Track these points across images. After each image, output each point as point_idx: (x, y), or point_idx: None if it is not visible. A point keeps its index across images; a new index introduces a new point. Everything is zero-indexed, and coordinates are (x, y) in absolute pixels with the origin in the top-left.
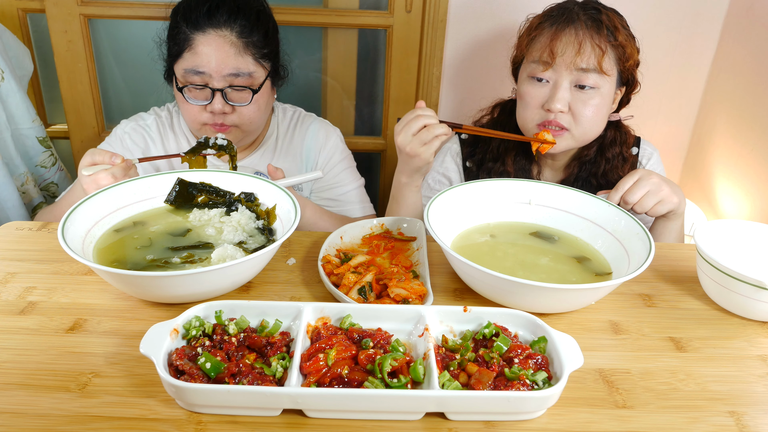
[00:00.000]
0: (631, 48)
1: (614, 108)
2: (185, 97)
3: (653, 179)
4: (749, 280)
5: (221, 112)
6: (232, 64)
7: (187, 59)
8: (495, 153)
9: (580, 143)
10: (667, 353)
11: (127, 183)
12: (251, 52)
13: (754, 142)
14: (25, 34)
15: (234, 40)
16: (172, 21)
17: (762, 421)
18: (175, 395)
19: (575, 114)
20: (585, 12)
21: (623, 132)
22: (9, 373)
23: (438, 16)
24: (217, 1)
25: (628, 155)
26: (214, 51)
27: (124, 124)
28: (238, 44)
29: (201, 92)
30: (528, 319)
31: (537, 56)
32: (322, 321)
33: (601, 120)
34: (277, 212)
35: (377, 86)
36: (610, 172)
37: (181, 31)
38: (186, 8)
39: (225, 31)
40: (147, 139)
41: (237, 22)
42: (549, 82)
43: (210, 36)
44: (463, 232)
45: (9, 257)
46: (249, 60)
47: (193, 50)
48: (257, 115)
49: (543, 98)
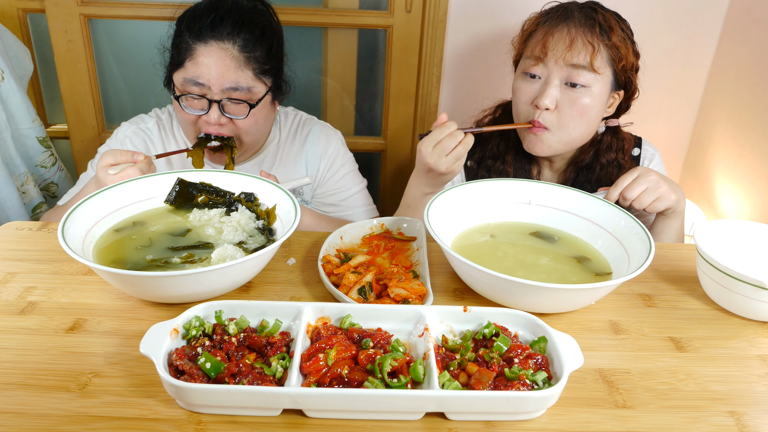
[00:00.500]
0: (627, 50)
1: (611, 113)
2: (182, 105)
3: (652, 176)
4: (749, 280)
5: (217, 123)
6: (231, 78)
7: (188, 68)
8: (495, 151)
9: (566, 144)
10: (667, 353)
11: (127, 183)
12: (252, 67)
13: (754, 142)
14: (25, 34)
15: (236, 53)
16: (177, 29)
17: (762, 421)
18: (175, 395)
19: (562, 113)
20: (581, 10)
21: (620, 138)
22: (9, 373)
23: (438, 16)
24: (222, 12)
25: (623, 162)
26: (215, 63)
27: (125, 127)
28: (239, 58)
29: (198, 102)
30: (528, 319)
31: (530, 52)
32: (322, 321)
33: (588, 121)
34: (277, 212)
35: (377, 86)
36: (605, 178)
37: (184, 40)
38: (191, 17)
39: (227, 43)
40: (147, 143)
41: (240, 35)
42: (540, 78)
43: (212, 47)
44: (463, 232)
45: (9, 257)
46: (249, 75)
47: (194, 60)
48: (254, 129)
49: (533, 94)
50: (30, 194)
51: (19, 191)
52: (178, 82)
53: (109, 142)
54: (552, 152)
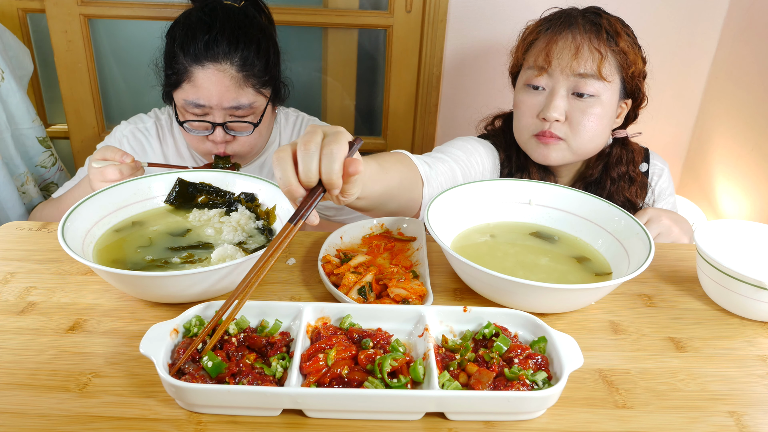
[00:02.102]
0: (635, 55)
1: (619, 123)
2: (185, 128)
3: (663, 221)
4: (749, 280)
5: (223, 141)
6: (232, 98)
7: (187, 90)
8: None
9: (579, 156)
10: (667, 353)
11: (127, 183)
12: (252, 83)
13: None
14: (25, 34)
15: (234, 73)
16: (168, 47)
17: (762, 421)
18: (175, 395)
19: (573, 124)
20: (584, 16)
21: (630, 150)
22: (9, 373)
23: (438, 16)
24: (215, 33)
25: (635, 175)
26: (214, 86)
27: (123, 126)
28: (238, 78)
29: (201, 123)
30: (528, 319)
31: (533, 62)
32: (322, 321)
33: (601, 131)
34: (277, 212)
35: (377, 86)
36: (616, 193)
37: (179, 62)
38: (183, 38)
39: (225, 65)
40: (145, 144)
41: (237, 54)
42: (545, 89)
43: (209, 71)
44: (463, 232)
45: (9, 257)
46: (249, 92)
47: (192, 83)
48: (259, 141)
49: (538, 107)
50: (30, 194)
51: (19, 191)
52: (178, 103)
53: (108, 140)
54: (564, 161)
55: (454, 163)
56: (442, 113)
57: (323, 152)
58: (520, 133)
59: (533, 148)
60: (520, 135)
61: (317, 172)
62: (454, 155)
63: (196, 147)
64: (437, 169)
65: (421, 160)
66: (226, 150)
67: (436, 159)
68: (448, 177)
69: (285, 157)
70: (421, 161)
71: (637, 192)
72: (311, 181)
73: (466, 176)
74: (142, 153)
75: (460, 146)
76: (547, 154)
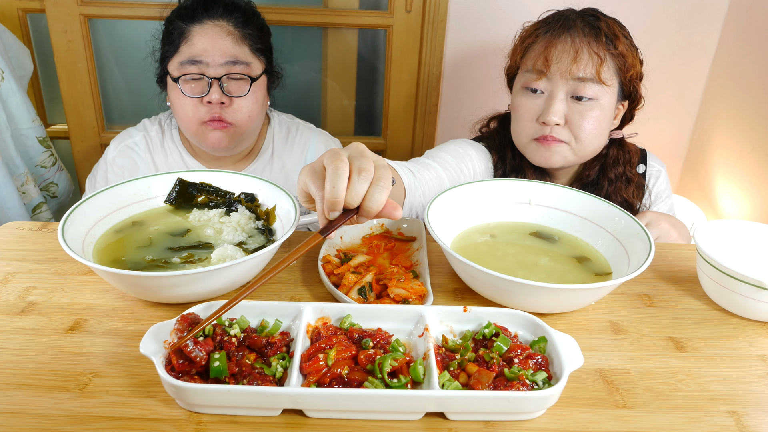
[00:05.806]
0: (633, 58)
1: (616, 124)
2: (181, 90)
3: (662, 225)
4: (749, 280)
5: (219, 102)
6: (229, 52)
7: (183, 51)
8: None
9: (580, 158)
10: (667, 353)
11: (127, 183)
12: (248, 43)
13: (754, 142)
14: (25, 34)
15: (231, 29)
16: (166, 27)
17: (762, 421)
18: (175, 395)
19: (573, 127)
20: (582, 19)
21: (626, 151)
22: (9, 373)
23: (438, 16)
24: None
25: (632, 175)
26: (212, 39)
27: (113, 148)
28: (235, 33)
29: (197, 85)
30: (528, 319)
31: (531, 65)
32: (322, 321)
33: (601, 134)
34: (277, 212)
35: (377, 86)
36: (614, 194)
37: (176, 28)
38: (181, 7)
39: (222, 21)
40: (135, 158)
41: (233, 14)
42: (544, 93)
43: (207, 26)
44: (463, 232)
45: (9, 257)
46: (246, 50)
47: (190, 42)
48: (255, 109)
49: (537, 110)
50: (30, 194)
51: (19, 191)
52: (174, 69)
53: (100, 164)
54: (566, 163)
55: (442, 169)
56: (441, 113)
57: (378, 183)
58: (518, 136)
59: (534, 152)
60: (519, 138)
61: (362, 196)
62: (443, 160)
63: (189, 119)
64: (422, 177)
65: (406, 168)
66: (223, 115)
67: (423, 165)
68: (434, 185)
69: (344, 171)
70: (406, 169)
71: (634, 193)
72: (354, 203)
73: (454, 182)
74: (134, 168)
75: (451, 150)
76: (548, 157)
